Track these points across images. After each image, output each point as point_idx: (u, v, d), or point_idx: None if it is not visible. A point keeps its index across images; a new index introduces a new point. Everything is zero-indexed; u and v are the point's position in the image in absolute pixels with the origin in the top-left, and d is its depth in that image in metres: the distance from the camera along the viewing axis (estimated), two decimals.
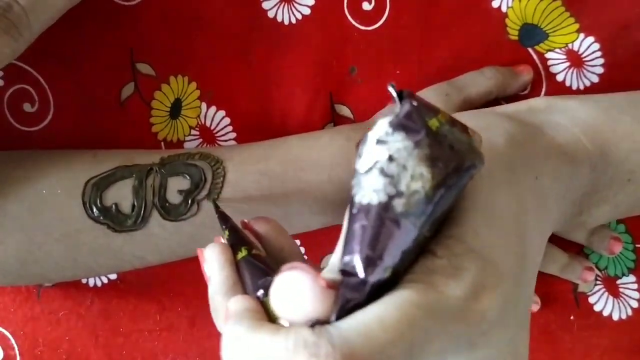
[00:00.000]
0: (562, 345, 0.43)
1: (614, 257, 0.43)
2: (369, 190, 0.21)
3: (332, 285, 0.21)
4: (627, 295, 0.43)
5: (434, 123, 0.21)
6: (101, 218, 0.37)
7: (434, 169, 0.21)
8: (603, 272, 0.43)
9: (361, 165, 0.22)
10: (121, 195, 0.38)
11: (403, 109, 0.21)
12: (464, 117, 0.29)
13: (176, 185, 0.38)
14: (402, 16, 0.42)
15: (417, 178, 0.21)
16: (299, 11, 0.42)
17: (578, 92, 0.42)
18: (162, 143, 0.43)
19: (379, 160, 0.21)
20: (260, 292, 0.26)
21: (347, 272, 0.21)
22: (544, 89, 0.42)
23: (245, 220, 0.31)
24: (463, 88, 0.41)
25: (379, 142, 0.21)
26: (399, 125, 0.21)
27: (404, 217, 0.21)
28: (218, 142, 0.44)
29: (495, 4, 0.41)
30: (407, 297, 0.21)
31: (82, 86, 0.42)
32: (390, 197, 0.21)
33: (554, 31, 0.41)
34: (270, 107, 0.43)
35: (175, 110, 0.43)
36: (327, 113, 0.43)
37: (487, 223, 0.24)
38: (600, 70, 0.41)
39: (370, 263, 0.21)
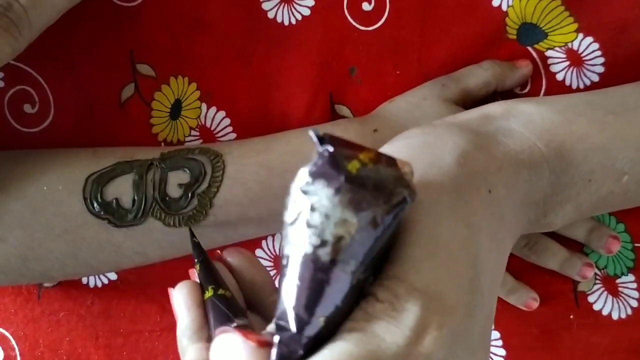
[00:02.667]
0: (562, 344, 0.43)
1: (614, 257, 0.43)
2: (295, 242, 0.21)
3: (263, 344, 0.21)
4: (626, 295, 0.43)
5: (354, 166, 0.21)
6: (102, 213, 0.38)
7: (359, 213, 0.21)
8: (602, 271, 0.43)
9: (287, 216, 0.21)
10: (122, 190, 0.38)
11: (321, 157, 0.21)
12: (413, 132, 0.29)
13: (176, 180, 0.38)
14: (401, 16, 0.42)
15: (341, 225, 0.21)
16: (299, 12, 0.42)
17: (578, 91, 0.42)
18: (163, 144, 0.43)
19: (302, 210, 0.21)
20: None
21: (281, 327, 0.21)
22: (543, 88, 0.42)
23: (218, 252, 0.31)
24: (460, 79, 0.41)
25: (301, 192, 0.21)
26: (317, 174, 0.21)
27: (333, 265, 0.21)
28: (218, 142, 0.44)
29: (495, 3, 0.41)
30: (345, 349, 0.21)
31: (82, 87, 0.42)
32: (316, 248, 0.21)
33: (553, 30, 0.41)
34: (270, 108, 0.43)
35: (176, 111, 0.43)
36: (327, 113, 0.43)
37: (430, 256, 0.23)
38: (601, 69, 0.41)
39: (301, 316, 0.21)
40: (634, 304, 0.43)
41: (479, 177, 0.27)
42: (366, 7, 0.42)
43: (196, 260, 0.30)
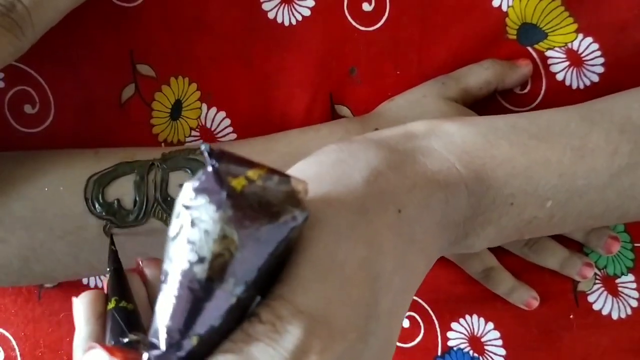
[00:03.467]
0: (562, 344, 0.43)
1: (613, 257, 0.43)
2: (174, 257, 0.21)
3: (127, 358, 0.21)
4: (626, 295, 0.43)
5: (239, 182, 0.21)
6: (103, 214, 0.38)
7: (240, 230, 0.20)
8: (602, 271, 0.43)
9: (170, 231, 0.21)
10: (123, 190, 0.38)
11: (205, 172, 0.21)
12: (329, 147, 0.28)
13: (178, 180, 0.38)
14: (402, 17, 0.42)
15: (220, 241, 0.20)
16: (299, 12, 0.42)
17: (578, 91, 0.42)
18: (163, 144, 0.43)
19: (183, 225, 0.20)
20: None
21: (152, 344, 0.21)
22: (543, 88, 0.42)
23: (140, 261, 0.31)
24: (460, 78, 0.41)
25: (184, 207, 0.21)
26: (200, 189, 0.20)
27: (209, 283, 0.20)
28: (219, 142, 0.44)
29: (495, 4, 0.41)
30: None
31: (82, 87, 0.42)
32: (192, 264, 0.20)
33: (553, 31, 0.41)
34: (270, 108, 0.43)
35: (176, 111, 0.43)
36: (327, 114, 0.43)
37: (321, 276, 0.22)
38: (601, 69, 0.41)
39: (173, 335, 0.20)
40: (634, 303, 0.43)
41: (387, 196, 0.26)
42: (366, 7, 0.42)
43: (108, 269, 0.29)
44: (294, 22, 0.42)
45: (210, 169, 0.20)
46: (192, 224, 0.20)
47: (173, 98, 0.43)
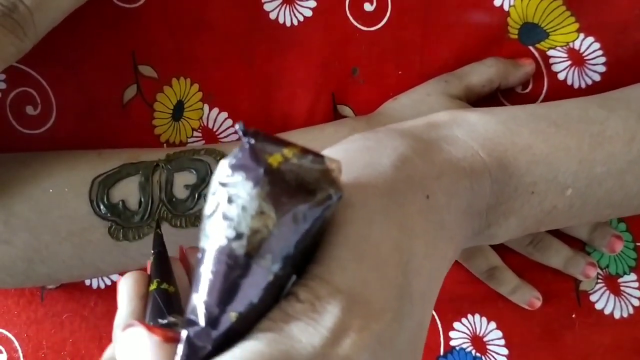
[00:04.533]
0: (564, 343, 0.43)
1: (615, 256, 0.43)
2: (211, 235, 0.21)
3: (170, 339, 0.21)
4: (628, 294, 0.43)
5: (276, 159, 0.21)
6: (108, 215, 0.38)
7: (277, 207, 0.20)
8: (604, 270, 0.43)
9: (206, 209, 0.21)
10: (128, 191, 0.38)
11: (241, 149, 0.21)
12: (355, 137, 0.29)
13: (182, 181, 0.38)
14: (403, 17, 0.42)
15: (258, 218, 0.20)
16: (300, 13, 0.42)
17: (580, 90, 0.42)
18: (165, 145, 0.43)
19: (220, 203, 0.20)
20: None
21: (190, 321, 0.21)
22: (545, 87, 0.42)
23: (183, 249, 0.31)
24: (463, 76, 0.41)
25: (220, 184, 0.21)
26: (237, 166, 0.20)
27: (248, 259, 0.20)
28: (221, 143, 0.44)
29: (497, 3, 0.41)
30: (255, 348, 0.20)
31: (84, 88, 0.42)
32: (230, 240, 0.20)
33: (554, 30, 0.41)
34: (272, 109, 0.43)
35: (178, 112, 0.43)
36: (330, 114, 0.43)
37: (357, 257, 0.22)
38: (602, 69, 0.41)
39: (211, 311, 0.20)
40: (636, 303, 0.43)
41: (416, 182, 0.26)
42: (368, 7, 0.42)
43: (152, 251, 0.29)
44: (295, 22, 0.42)
45: (246, 145, 0.21)
46: (229, 200, 0.20)
47: (175, 99, 0.43)
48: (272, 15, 0.42)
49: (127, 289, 0.27)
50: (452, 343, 0.44)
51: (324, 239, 0.23)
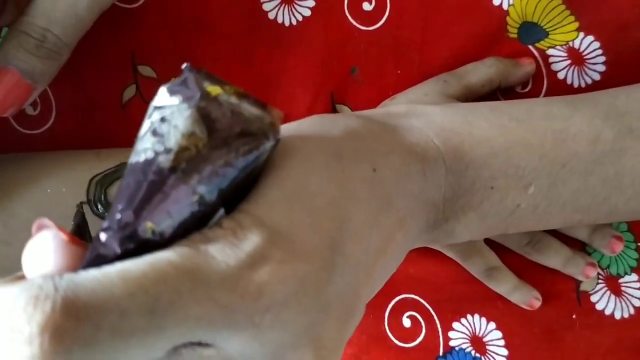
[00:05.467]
0: (564, 344, 0.43)
1: (616, 256, 0.43)
2: (140, 150, 0.20)
3: (76, 241, 0.20)
4: (629, 294, 0.43)
5: (214, 89, 0.21)
6: (106, 215, 0.38)
7: (210, 131, 0.20)
8: (605, 270, 0.43)
9: (140, 132, 0.21)
10: None
11: (182, 76, 0.21)
12: (311, 117, 0.28)
13: None
14: (402, 16, 0.42)
15: (188, 136, 0.20)
16: (299, 12, 0.42)
17: (579, 89, 0.42)
18: None
19: (153, 122, 0.21)
20: None
21: (105, 228, 0.20)
22: (544, 87, 0.42)
23: None
24: (463, 76, 0.41)
25: (156, 108, 0.21)
26: (174, 90, 0.21)
27: (171, 173, 0.20)
28: None
29: (496, 2, 0.41)
30: (166, 256, 0.19)
31: (83, 89, 0.42)
32: (157, 154, 0.20)
33: (554, 29, 0.41)
34: None
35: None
36: (328, 113, 0.43)
37: (289, 198, 0.22)
38: (602, 68, 0.41)
39: (127, 216, 0.20)
40: (637, 303, 0.43)
41: (363, 153, 0.26)
42: (367, 7, 0.42)
43: (72, 222, 0.28)
44: (294, 22, 0.42)
45: (187, 73, 0.21)
46: (162, 119, 0.20)
47: None
48: (271, 15, 0.42)
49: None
50: (452, 343, 0.44)
51: (258, 182, 0.23)
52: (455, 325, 0.44)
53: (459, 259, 0.42)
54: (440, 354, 0.44)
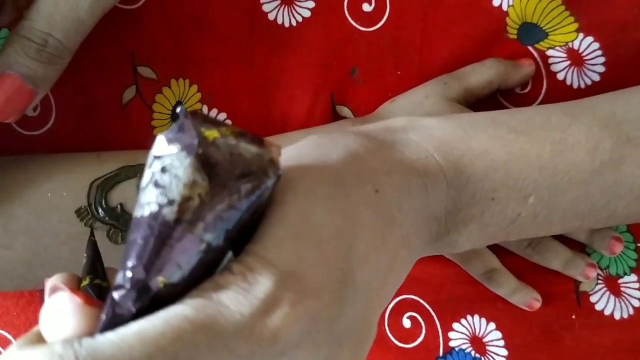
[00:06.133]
0: (564, 344, 0.43)
1: (616, 257, 0.43)
2: (144, 203, 0.21)
3: (92, 302, 0.21)
4: (628, 295, 0.43)
5: (211, 134, 0.21)
6: (107, 218, 0.38)
7: (211, 177, 0.21)
8: (604, 271, 0.43)
9: (142, 183, 0.21)
10: (126, 195, 0.38)
11: (178, 123, 0.21)
12: (309, 137, 0.28)
13: None
14: (402, 17, 0.42)
15: (190, 186, 0.20)
16: (299, 13, 0.42)
17: (579, 90, 0.42)
18: None
19: (154, 173, 0.21)
20: None
21: (119, 286, 0.20)
22: (544, 88, 0.42)
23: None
24: (463, 77, 0.41)
25: (156, 157, 0.21)
26: (172, 139, 0.21)
27: (177, 224, 0.20)
28: None
29: (496, 3, 0.41)
30: (180, 311, 0.20)
31: (83, 90, 0.42)
32: (161, 207, 0.20)
33: (554, 30, 0.41)
34: (271, 109, 0.43)
35: (177, 113, 0.43)
36: (328, 114, 0.43)
37: (295, 235, 0.22)
38: (602, 69, 0.41)
39: (138, 275, 0.20)
40: (636, 303, 0.43)
41: (365, 176, 0.26)
42: (366, 7, 0.42)
43: (85, 255, 0.29)
44: (294, 23, 0.42)
45: (183, 121, 0.21)
46: (163, 170, 0.21)
47: (174, 100, 0.43)
48: (271, 16, 0.42)
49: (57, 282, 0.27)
50: (452, 344, 0.44)
51: (263, 220, 0.23)
52: (455, 325, 0.44)
53: (459, 261, 0.42)
54: (440, 354, 0.44)
